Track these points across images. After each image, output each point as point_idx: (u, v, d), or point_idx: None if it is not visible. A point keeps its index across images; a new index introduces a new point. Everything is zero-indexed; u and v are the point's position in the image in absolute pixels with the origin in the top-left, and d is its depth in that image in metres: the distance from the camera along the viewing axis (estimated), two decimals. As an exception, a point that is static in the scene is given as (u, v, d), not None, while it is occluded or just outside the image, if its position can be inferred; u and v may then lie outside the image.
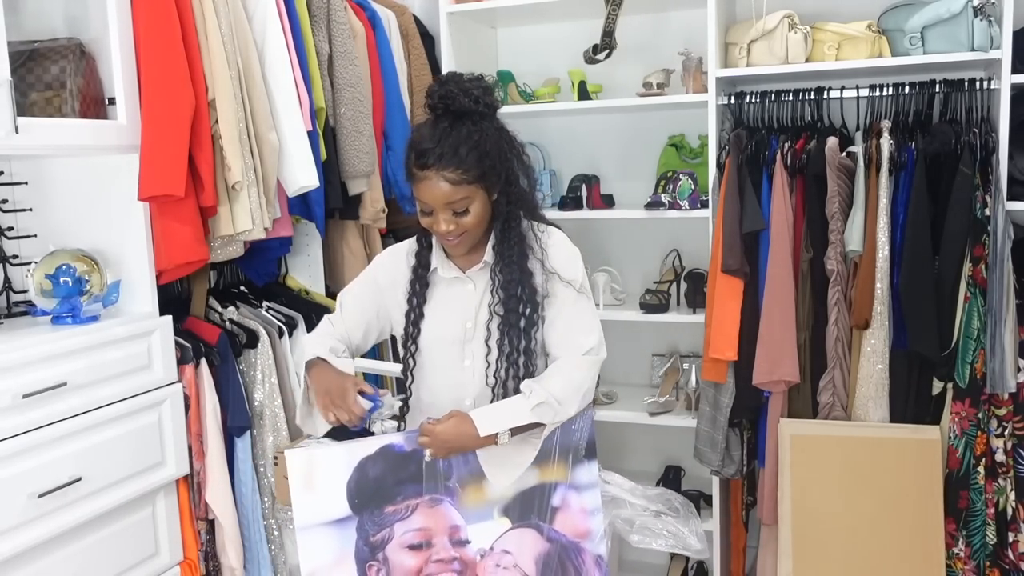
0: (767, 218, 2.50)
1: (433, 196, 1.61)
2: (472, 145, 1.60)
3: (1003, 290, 2.29)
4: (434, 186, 1.60)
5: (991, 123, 2.43)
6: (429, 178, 1.60)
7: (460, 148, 1.59)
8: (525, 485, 1.68)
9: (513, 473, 1.69)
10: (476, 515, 1.67)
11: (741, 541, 2.82)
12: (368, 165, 2.54)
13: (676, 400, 2.97)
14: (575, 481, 1.71)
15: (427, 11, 3.13)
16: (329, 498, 1.60)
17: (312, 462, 1.61)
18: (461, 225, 1.64)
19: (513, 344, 1.69)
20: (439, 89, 1.63)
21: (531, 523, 1.69)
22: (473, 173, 1.61)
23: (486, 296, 1.73)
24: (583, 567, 1.71)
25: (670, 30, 3.01)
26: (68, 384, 1.84)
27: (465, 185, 1.61)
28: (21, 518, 1.75)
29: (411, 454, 1.62)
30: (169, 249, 2.06)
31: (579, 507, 1.72)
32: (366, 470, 1.60)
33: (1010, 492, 2.38)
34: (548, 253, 1.73)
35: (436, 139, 1.60)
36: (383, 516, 1.62)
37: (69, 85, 2.01)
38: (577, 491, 1.71)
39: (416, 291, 1.75)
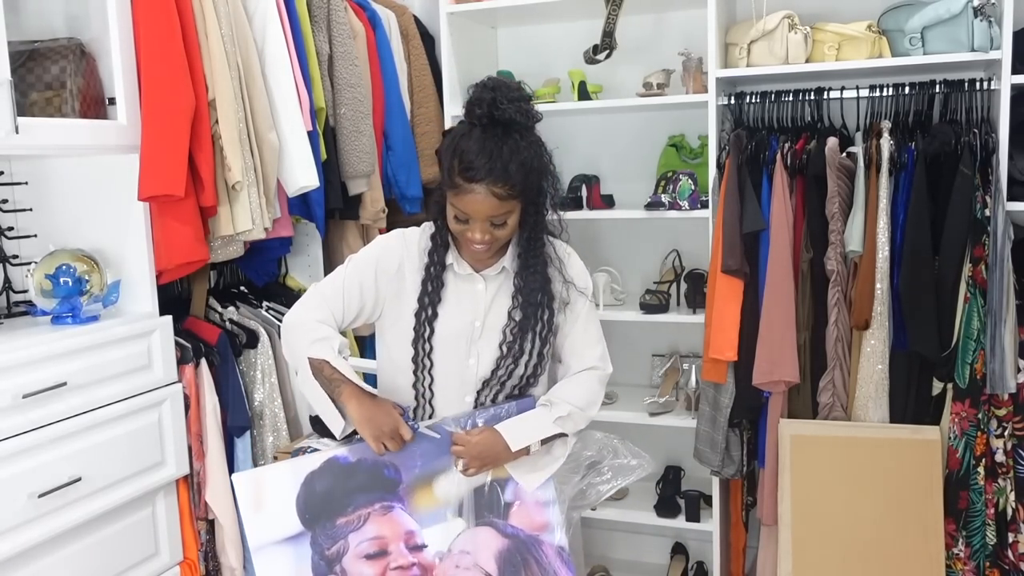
0: (767, 218, 2.49)
1: (477, 210, 1.59)
2: (521, 161, 1.59)
3: (1003, 290, 2.29)
4: (482, 200, 1.58)
5: (991, 123, 2.43)
6: (476, 192, 1.58)
7: (511, 164, 1.58)
8: (476, 483, 1.68)
9: (542, 476, 1.74)
10: (430, 518, 1.65)
11: (741, 541, 2.82)
12: (368, 165, 2.55)
13: (676, 400, 2.97)
14: None
15: (427, 11, 3.13)
16: (280, 516, 1.58)
17: (259, 482, 1.59)
18: (496, 237, 1.65)
19: (525, 347, 1.72)
20: (487, 97, 1.59)
21: (487, 521, 1.68)
22: (519, 188, 1.60)
23: (499, 298, 1.74)
24: (545, 560, 1.71)
25: (670, 30, 3.01)
26: (68, 384, 1.85)
27: (509, 200, 1.60)
28: (21, 518, 1.75)
29: (356, 464, 1.62)
30: (169, 249, 2.06)
31: (533, 500, 1.71)
32: (313, 485, 1.59)
33: (1010, 492, 2.38)
34: (565, 263, 1.77)
35: (488, 152, 1.57)
36: (336, 529, 1.60)
37: (69, 85, 2.01)
38: None
39: (430, 290, 1.72)
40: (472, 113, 1.61)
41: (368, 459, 1.61)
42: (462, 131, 1.63)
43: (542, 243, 1.73)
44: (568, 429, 1.74)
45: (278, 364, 2.39)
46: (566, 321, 1.78)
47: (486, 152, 1.57)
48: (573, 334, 1.79)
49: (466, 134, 1.61)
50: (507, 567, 1.67)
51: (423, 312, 1.72)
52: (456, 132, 1.64)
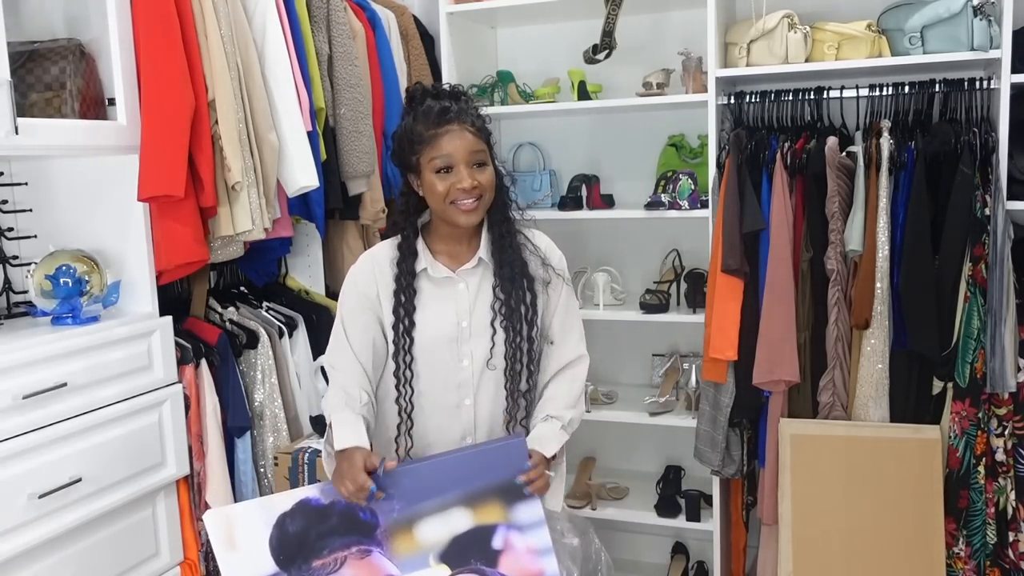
0: (767, 218, 2.49)
1: (457, 147, 1.64)
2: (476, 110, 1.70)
3: (1003, 289, 2.29)
4: (459, 136, 1.64)
5: (991, 123, 2.43)
6: (452, 130, 1.64)
7: (469, 106, 1.69)
8: (458, 530, 1.60)
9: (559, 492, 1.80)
10: (410, 564, 1.58)
11: (741, 541, 2.82)
12: (368, 165, 2.55)
13: (676, 400, 2.97)
14: (516, 521, 1.61)
15: (427, 11, 3.13)
16: (253, 556, 1.53)
17: (231, 520, 1.56)
18: (481, 183, 1.66)
19: (517, 330, 1.72)
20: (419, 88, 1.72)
21: (473, 568, 1.59)
22: (485, 133, 1.69)
23: (482, 293, 1.74)
24: None
25: (670, 30, 3.01)
26: (68, 385, 1.84)
27: (482, 140, 1.67)
28: (21, 519, 1.75)
29: (329, 506, 1.56)
30: (169, 249, 2.06)
31: (525, 548, 1.61)
32: (285, 526, 1.55)
33: (1010, 492, 2.38)
34: (538, 246, 1.80)
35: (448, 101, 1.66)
36: (312, 571, 1.55)
37: (69, 86, 2.01)
38: (520, 531, 1.61)
39: (403, 300, 1.71)
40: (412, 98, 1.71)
41: (341, 502, 1.55)
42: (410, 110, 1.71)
43: (512, 225, 1.75)
44: (570, 432, 1.76)
45: (278, 364, 2.39)
46: (549, 300, 1.79)
47: (445, 101, 1.66)
48: (559, 312, 1.80)
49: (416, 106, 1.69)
50: None
51: (400, 324, 1.70)
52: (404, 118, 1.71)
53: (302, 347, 2.52)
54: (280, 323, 2.45)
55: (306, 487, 1.61)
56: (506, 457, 1.61)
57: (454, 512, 1.59)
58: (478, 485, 1.60)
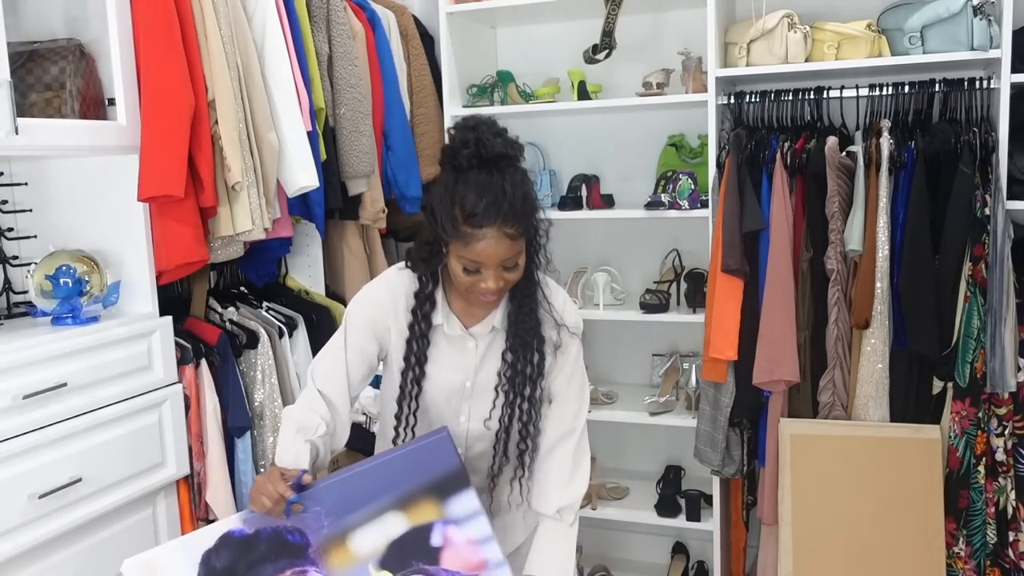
0: (767, 218, 2.50)
1: (490, 256, 1.49)
2: (524, 194, 1.50)
3: (1003, 289, 2.29)
4: (495, 245, 1.48)
5: (991, 122, 2.43)
6: (487, 237, 1.47)
7: (514, 200, 1.48)
8: (394, 534, 1.56)
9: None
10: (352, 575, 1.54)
11: (741, 541, 2.82)
12: (368, 165, 2.55)
13: (676, 400, 2.97)
14: (451, 515, 1.59)
15: (427, 11, 3.13)
16: None
17: (152, 567, 1.51)
18: (508, 281, 1.55)
19: (519, 391, 1.66)
20: (471, 136, 1.49)
21: (416, 569, 1.56)
22: (525, 224, 1.51)
23: (490, 355, 1.68)
24: None
25: (670, 30, 3.01)
26: (68, 385, 1.85)
27: (520, 240, 1.52)
28: (21, 519, 1.75)
29: (254, 535, 1.52)
30: (169, 249, 2.06)
31: (465, 540, 1.59)
32: (212, 563, 1.50)
33: (1010, 491, 2.38)
34: (554, 305, 1.69)
35: (491, 193, 1.46)
36: None
37: (69, 86, 2.01)
38: (457, 524, 1.59)
39: (416, 349, 1.65)
40: (458, 156, 1.50)
41: (267, 528, 1.51)
42: (453, 178, 1.51)
43: (535, 284, 1.65)
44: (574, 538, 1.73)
45: (278, 364, 2.39)
46: (555, 364, 1.71)
47: (489, 193, 1.46)
48: (559, 379, 1.72)
49: (459, 179, 1.49)
50: None
51: (410, 371, 1.66)
52: (445, 181, 1.52)
53: (302, 347, 2.52)
54: (280, 323, 2.45)
55: (227, 519, 1.57)
56: (430, 454, 1.59)
57: (387, 517, 1.57)
58: (407, 487, 1.58)
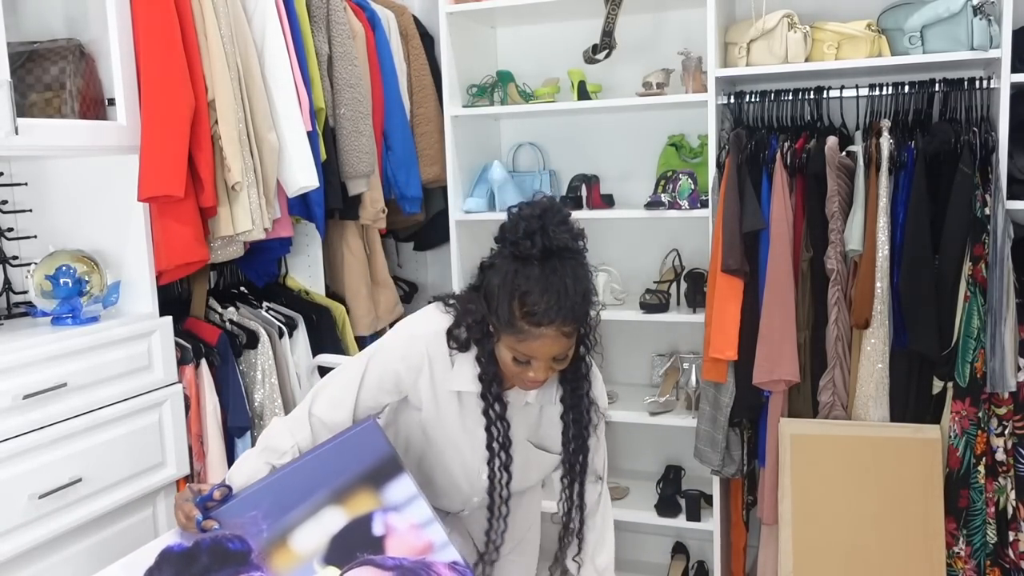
0: (767, 218, 2.50)
1: (545, 353, 1.47)
2: (584, 292, 1.46)
3: (1003, 289, 2.29)
4: (551, 343, 1.46)
5: (991, 122, 2.43)
6: (545, 335, 1.44)
7: (575, 299, 1.44)
8: (334, 529, 1.55)
9: None
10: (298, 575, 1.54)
11: (741, 541, 2.82)
12: (368, 165, 2.55)
13: (676, 400, 2.96)
14: (389, 502, 1.58)
15: (427, 11, 3.13)
16: None
17: None
18: (555, 371, 1.55)
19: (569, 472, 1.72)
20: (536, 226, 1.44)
21: (362, 560, 1.54)
22: (582, 321, 1.50)
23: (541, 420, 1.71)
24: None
25: (670, 30, 3.01)
26: (68, 385, 1.84)
27: (575, 335, 1.50)
28: (22, 519, 1.75)
29: (194, 548, 1.52)
30: (169, 250, 2.06)
31: (407, 525, 1.58)
32: None
33: (1010, 491, 2.38)
34: (592, 384, 1.69)
35: (555, 291, 1.42)
36: None
37: (69, 86, 2.01)
38: (397, 511, 1.58)
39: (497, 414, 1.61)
40: (521, 246, 1.45)
41: (205, 539, 1.51)
42: (513, 267, 1.45)
43: (588, 367, 1.64)
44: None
45: (278, 365, 2.39)
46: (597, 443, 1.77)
47: (552, 291, 1.42)
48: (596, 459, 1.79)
49: (520, 271, 1.44)
50: None
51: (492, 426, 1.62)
52: (505, 270, 1.46)
53: (302, 347, 2.52)
54: (280, 323, 2.45)
55: (163, 536, 1.58)
56: (360, 443, 1.58)
57: (325, 513, 1.56)
58: (341, 479, 1.56)
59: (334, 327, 2.64)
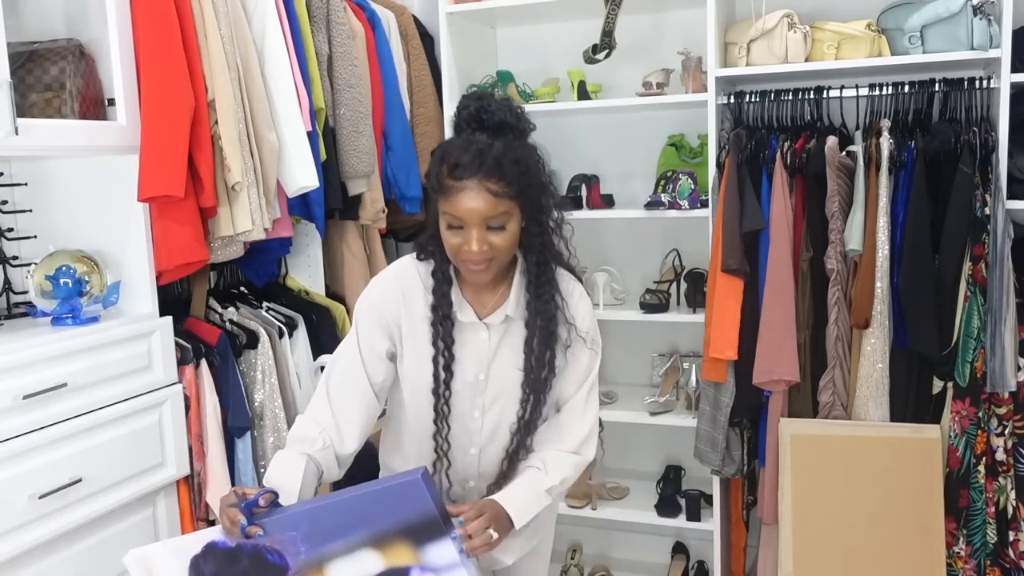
0: (767, 217, 2.50)
1: (470, 209, 1.46)
2: (515, 158, 1.48)
3: (1003, 289, 2.29)
4: (474, 197, 1.45)
5: (991, 122, 2.43)
6: (469, 188, 1.45)
7: (503, 160, 1.46)
8: (370, 572, 1.48)
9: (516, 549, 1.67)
10: None
11: (741, 541, 2.82)
12: (368, 165, 2.55)
13: (676, 400, 2.97)
14: (428, 563, 1.50)
15: (426, 11, 3.13)
16: None
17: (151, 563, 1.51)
18: (493, 246, 1.50)
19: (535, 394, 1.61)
20: (474, 103, 1.51)
21: None
22: (515, 188, 1.48)
23: (503, 349, 1.62)
24: None
25: (670, 30, 3.01)
26: (68, 385, 1.84)
27: (506, 199, 1.47)
28: (22, 519, 1.75)
29: (236, 549, 1.49)
30: (169, 250, 2.06)
31: None
32: (200, 568, 1.49)
33: (1011, 491, 2.39)
34: (569, 304, 1.63)
35: (477, 148, 1.46)
36: None
37: (69, 86, 2.01)
38: (436, 573, 1.49)
39: (442, 332, 1.59)
40: (459, 119, 1.52)
41: (247, 544, 1.48)
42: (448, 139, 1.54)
43: (551, 278, 1.59)
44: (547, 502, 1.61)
45: (278, 365, 2.39)
46: (566, 366, 1.65)
47: (475, 148, 1.46)
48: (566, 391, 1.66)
49: (450, 140, 1.52)
50: None
51: (440, 357, 1.60)
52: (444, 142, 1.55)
53: (302, 347, 2.52)
54: (280, 323, 2.45)
55: (211, 529, 1.54)
56: (402, 498, 1.51)
57: (362, 554, 1.50)
58: (381, 526, 1.50)
59: (334, 327, 2.64)
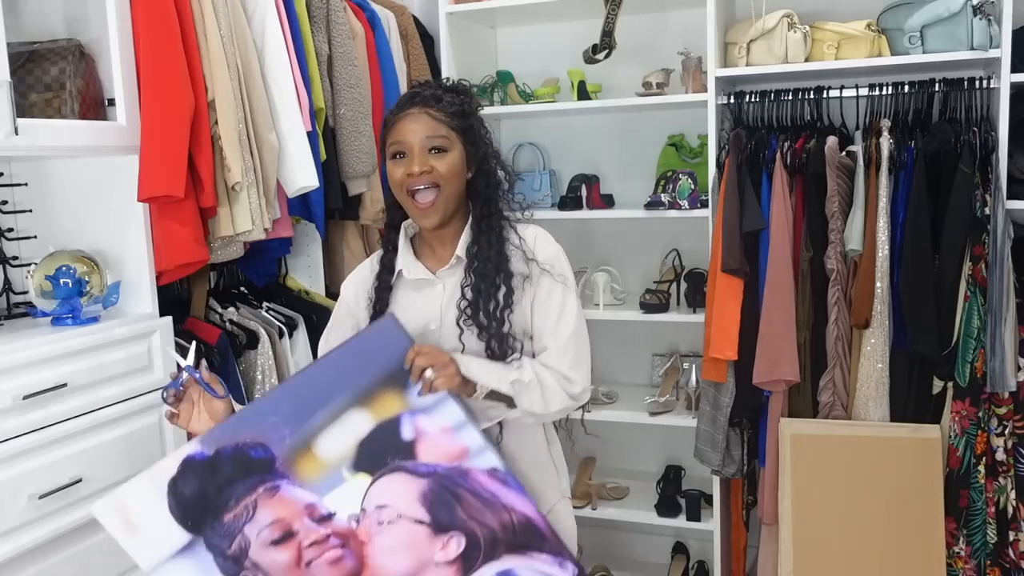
0: (767, 217, 2.50)
1: (411, 129, 1.54)
2: (458, 103, 1.59)
3: (1003, 289, 2.29)
4: (414, 119, 1.54)
5: (991, 122, 2.43)
6: (409, 115, 1.55)
7: (442, 96, 1.58)
8: (361, 433, 1.47)
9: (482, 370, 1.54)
10: (325, 484, 1.46)
11: (742, 541, 2.82)
12: (368, 165, 2.55)
13: (676, 400, 2.97)
14: (417, 404, 1.48)
15: (426, 11, 3.13)
16: (160, 532, 1.45)
17: (123, 506, 1.47)
18: (436, 172, 1.53)
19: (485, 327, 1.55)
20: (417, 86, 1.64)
21: (394, 466, 1.46)
22: (456, 121, 1.56)
23: (456, 293, 1.60)
24: (480, 487, 1.48)
25: (670, 30, 3.01)
26: (68, 385, 1.84)
27: (445, 126, 1.55)
28: (22, 519, 1.75)
29: (215, 456, 1.46)
30: (169, 250, 2.06)
31: (438, 428, 1.48)
32: (179, 490, 1.45)
33: (1011, 491, 2.39)
34: (525, 240, 1.62)
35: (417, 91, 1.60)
36: (226, 526, 1.44)
37: (69, 86, 2.01)
38: (427, 413, 1.48)
39: (379, 297, 1.63)
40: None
41: (227, 447, 1.45)
42: None
43: (496, 218, 1.61)
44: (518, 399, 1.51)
45: (278, 365, 2.39)
46: (535, 300, 1.59)
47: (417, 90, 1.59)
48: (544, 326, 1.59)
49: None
50: (437, 507, 1.45)
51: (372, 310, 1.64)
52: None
53: (302, 347, 2.52)
54: (280, 323, 2.45)
55: (185, 445, 1.49)
56: (380, 341, 1.49)
57: (349, 417, 1.47)
58: (363, 381, 1.47)
59: (334, 327, 2.64)
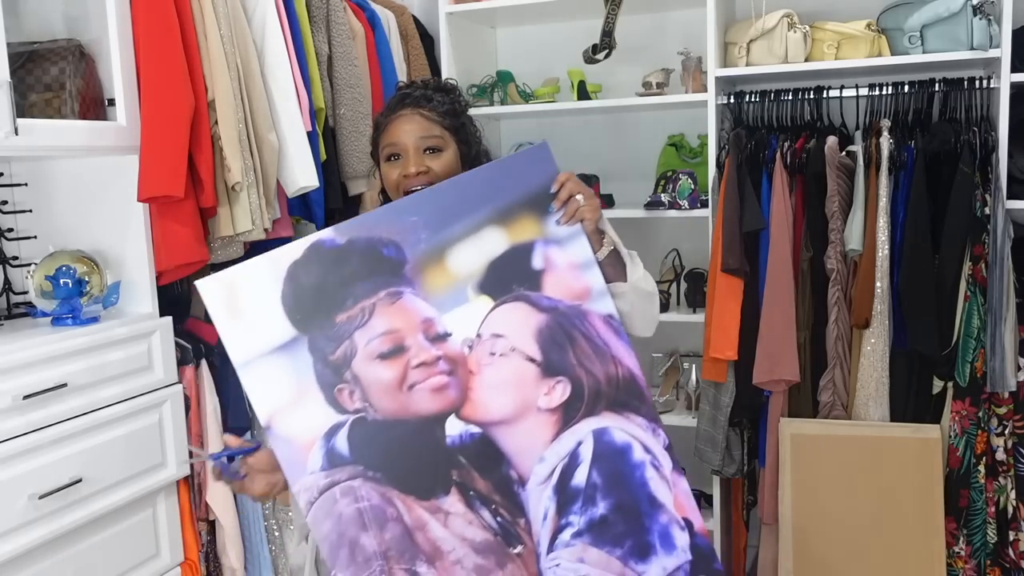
0: (767, 217, 2.50)
1: (405, 130, 1.53)
2: (448, 102, 1.58)
3: (1003, 289, 2.30)
4: (407, 121, 1.54)
5: (991, 122, 2.43)
6: (402, 116, 1.54)
7: (433, 96, 1.57)
8: (494, 253, 1.40)
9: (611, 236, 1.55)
10: (448, 300, 1.37)
11: (742, 540, 2.82)
12: (368, 165, 2.54)
13: (676, 400, 2.97)
14: (552, 234, 1.43)
15: (426, 11, 3.13)
16: (265, 321, 1.32)
17: (233, 285, 1.33)
18: (432, 172, 1.52)
19: None
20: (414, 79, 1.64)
21: (517, 295, 1.40)
22: (448, 120, 1.56)
23: None
24: (593, 332, 1.43)
25: (670, 30, 3.01)
26: (68, 385, 1.84)
27: (439, 126, 1.55)
28: (22, 519, 1.75)
29: (346, 246, 1.35)
30: (169, 250, 2.06)
31: (567, 263, 1.42)
32: (299, 278, 1.33)
33: (1011, 491, 2.39)
34: None
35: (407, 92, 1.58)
36: (336, 328, 1.33)
37: (68, 86, 2.01)
38: (559, 245, 1.43)
39: None
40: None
41: (360, 238, 1.35)
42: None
43: None
44: (632, 272, 1.52)
45: (278, 365, 2.39)
46: None
47: (406, 91, 1.58)
48: None
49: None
50: (550, 346, 1.39)
51: None
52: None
53: (302, 347, 2.51)
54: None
55: (318, 232, 1.37)
56: (529, 164, 1.47)
57: (486, 232, 1.40)
58: (506, 199, 1.42)
59: (334, 327, 2.64)
